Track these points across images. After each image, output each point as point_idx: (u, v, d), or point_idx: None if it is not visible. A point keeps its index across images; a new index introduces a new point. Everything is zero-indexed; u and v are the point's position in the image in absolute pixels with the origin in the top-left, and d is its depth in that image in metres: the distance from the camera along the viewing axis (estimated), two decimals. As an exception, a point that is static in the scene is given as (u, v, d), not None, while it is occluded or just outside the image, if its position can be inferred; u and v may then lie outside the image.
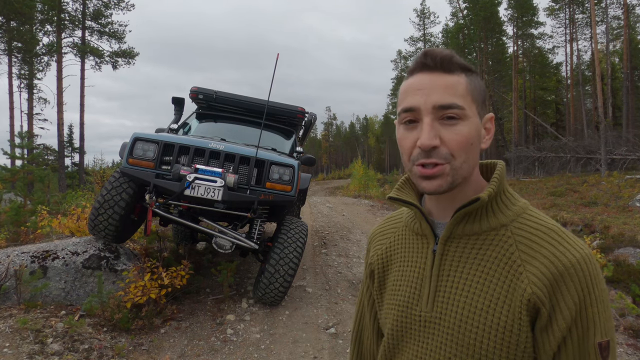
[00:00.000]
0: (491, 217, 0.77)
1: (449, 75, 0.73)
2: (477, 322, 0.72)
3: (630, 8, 26.48)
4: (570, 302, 0.67)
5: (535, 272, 0.69)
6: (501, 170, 0.80)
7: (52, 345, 3.11)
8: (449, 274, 0.78)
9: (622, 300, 3.94)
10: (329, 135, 70.93)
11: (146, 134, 3.97)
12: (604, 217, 9.19)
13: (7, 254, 4.03)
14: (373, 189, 17.02)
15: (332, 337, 3.80)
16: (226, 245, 4.04)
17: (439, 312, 0.78)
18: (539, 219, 0.75)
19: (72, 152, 28.63)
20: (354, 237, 7.47)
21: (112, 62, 25.51)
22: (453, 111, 0.71)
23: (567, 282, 0.68)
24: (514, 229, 0.75)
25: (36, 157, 8.63)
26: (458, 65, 0.75)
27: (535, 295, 0.68)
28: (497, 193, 0.77)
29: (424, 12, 37.21)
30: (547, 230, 0.73)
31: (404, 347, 0.84)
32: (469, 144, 0.73)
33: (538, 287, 0.69)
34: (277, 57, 3.84)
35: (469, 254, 0.77)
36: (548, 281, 0.68)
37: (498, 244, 0.74)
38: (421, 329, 0.80)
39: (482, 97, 0.78)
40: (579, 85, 31.07)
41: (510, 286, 0.71)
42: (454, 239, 0.79)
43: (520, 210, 0.77)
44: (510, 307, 0.70)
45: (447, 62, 0.73)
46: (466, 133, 0.72)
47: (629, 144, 19.45)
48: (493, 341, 0.71)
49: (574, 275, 0.68)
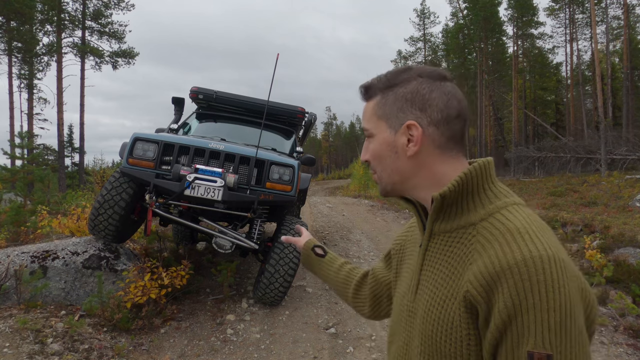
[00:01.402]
0: (464, 215, 0.77)
1: (368, 102, 0.87)
2: (435, 316, 0.76)
3: (630, 8, 26.47)
4: (502, 305, 0.64)
5: (474, 271, 0.69)
6: (471, 170, 0.78)
7: (52, 345, 3.11)
8: (427, 268, 0.83)
9: (622, 300, 3.94)
10: (329, 135, 70.92)
11: (146, 134, 3.97)
12: (604, 217, 9.19)
13: (7, 254, 4.03)
14: (373, 189, 17.00)
15: (332, 337, 3.79)
16: (226, 245, 4.04)
17: (417, 304, 0.83)
18: (507, 219, 0.72)
19: (72, 152, 28.64)
20: (354, 237, 7.47)
21: (112, 62, 25.53)
22: (367, 132, 0.87)
23: (502, 284, 0.65)
24: (480, 228, 0.74)
25: (36, 157, 8.62)
26: (377, 88, 0.85)
27: (469, 294, 0.69)
28: (461, 192, 0.77)
29: (424, 12, 37.17)
30: (505, 230, 0.70)
31: (397, 334, 0.90)
32: (379, 157, 0.85)
33: (474, 285, 0.68)
34: (277, 57, 3.84)
35: (442, 250, 0.80)
36: (485, 281, 0.67)
37: (464, 242, 0.76)
38: (407, 319, 0.86)
39: (400, 107, 0.80)
40: (579, 85, 31.07)
41: (457, 284, 0.73)
42: (435, 235, 0.83)
43: (494, 210, 0.75)
44: (453, 304, 0.73)
45: (365, 91, 0.88)
46: (372, 149, 0.86)
47: (629, 144, 19.45)
48: (444, 334, 0.73)
49: (509, 277, 0.64)
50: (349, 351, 3.58)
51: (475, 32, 30.64)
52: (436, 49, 37.52)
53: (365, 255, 6.40)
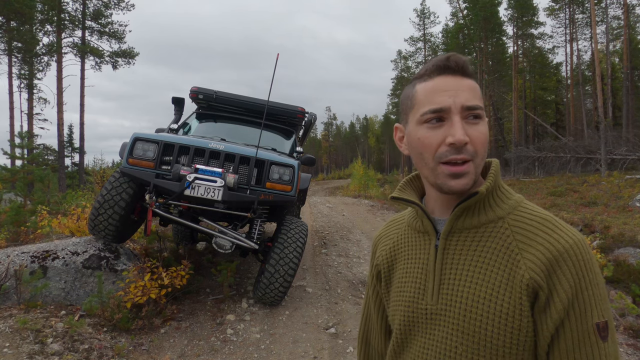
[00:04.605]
0: (489, 210, 0.81)
1: (469, 79, 0.79)
2: (481, 311, 0.75)
3: (630, 8, 26.46)
4: (566, 285, 0.70)
5: (532, 259, 0.73)
6: (496, 167, 0.84)
7: (52, 345, 3.11)
8: (451, 267, 0.81)
9: (622, 300, 3.94)
10: (329, 135, 70.90)
11: (146, 134, 3.97)
12: (604, 217, 9.19)
13: (7, 254, 4.03)
14: (373, 189, 17.01)
15: (332, 337, 3.79)
16: (226, 245, 4.04)
17: (444, 304, 0.81)
18: (533, 210, 0.79)
19: (72, 152, 28.60)
20: (354, 237, 7.47)
21: (112, 62, 25.50)
22: (477, 112, 0.77)
23: (562, 266, 0.71)
24: (510, 220, 0.79)
25: (36, 157, 8.62)
26: (469, 71, 0.80)
27: (533, 280, 0.72)
28: (493, 188, 0.82)
29: (424, 12, 37.18)
30: (541, 220, 0.76)
31: (412, 341, 0.87)
32: (487, 142, 0.79)
33: (535, 272, 0.72)
34: (277, 57, 3.84)
35: (469, 247, 0.80)
36: (544, 266, 0.72)
37: (496, 235, 0.78)
38: (427, 322, 0.83)
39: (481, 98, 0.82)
40: (579, 85, 31.06)
41: (510, 274, 0.74)
42: (455, 233, 0.82)
43: (516, 204, 0.81)
44: (512, 294, 0.73)
45: (466, 67, 0.79)
46: (485, 132, 0.78)
47: (629, 144, 19.45)
48: (497, 327, 0.74)
49: (568, 259, 0.71)
50: (349, 351, 3.58)
51: (475, 32, 30.64)
52: (436, 49, 37.51)
53: (365, 255, 6.40)
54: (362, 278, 5.37)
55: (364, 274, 5.55)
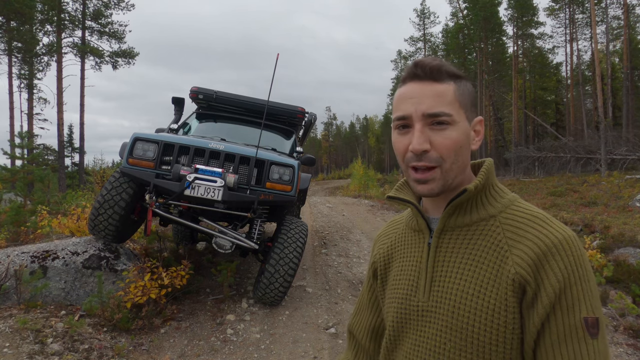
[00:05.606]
0: (481, 209, 0.81)
1: (438, 84, 0.78)
2: (469, 307, 0.76)
3: (630, 8, 26.47)
4: (553, 279, 0.70)
5: (519, 254, 0.73)
6: (488, 166, 0.84)
7: (52, 345, 3.11)
8: (443, 264, 0.82)
9: (622, 300, 3.94)
10: (329, 135, 70.91)
11: (146, 134, 3.97)
12: (604, 217, 9.19)
13: (7, 254, 4.03)
14: (373, 189, 17.02)
15: (332, 337, 3.79)
16: (226, 245, 4.04)
17: (435, 301, 0.82)
18: (526, 208, 0.79)
19: (72, 152, 28.62)
20: (354, 237, 7.47)
21: (112, 62, 25.52)
22: (441, 118, 0.76)
23: (550, 261, 0.71)
24: (502, 219, 0.79)
25: (36, 157, 8.62)
26: (447, 73, 0.79)
27: (519, 275, 0.72)
28: (484, 186, 0.82)
29: (424, 12, 37.19)
30: (532, 217, 0.77)
31: (404, 338, 0.88)
32: (458, 147, 0.78)
33: (522, 267, 0.72)
34: (277, 57, 3.84)
35: (461, 245, 0.81)
36: (532, 261, 0.72)
37: (487, 233, 0.79)
38: (419, 319, 0.84)
39: (471, 101, 0.83)
40: (579, 85, 31.06)
41: (499, 271, 0.75)
42: (447, 231, 0.83)
43: (509, 203, 0.81)
44: (499, 290, 0.74)
45: (435, 71, 0.78)
46: (454, 137, 0.77)
47: (629, 144, 19.45)
48: (484, 324, 0.74)
49: (556, 254, 0.71)
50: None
51: (475, 32, 30.65)
52: (436, 49, 37.52)
53: (365, 255, 6.40)
54: (362, 278, 5.37)
55: (364, 274, 5.55)
